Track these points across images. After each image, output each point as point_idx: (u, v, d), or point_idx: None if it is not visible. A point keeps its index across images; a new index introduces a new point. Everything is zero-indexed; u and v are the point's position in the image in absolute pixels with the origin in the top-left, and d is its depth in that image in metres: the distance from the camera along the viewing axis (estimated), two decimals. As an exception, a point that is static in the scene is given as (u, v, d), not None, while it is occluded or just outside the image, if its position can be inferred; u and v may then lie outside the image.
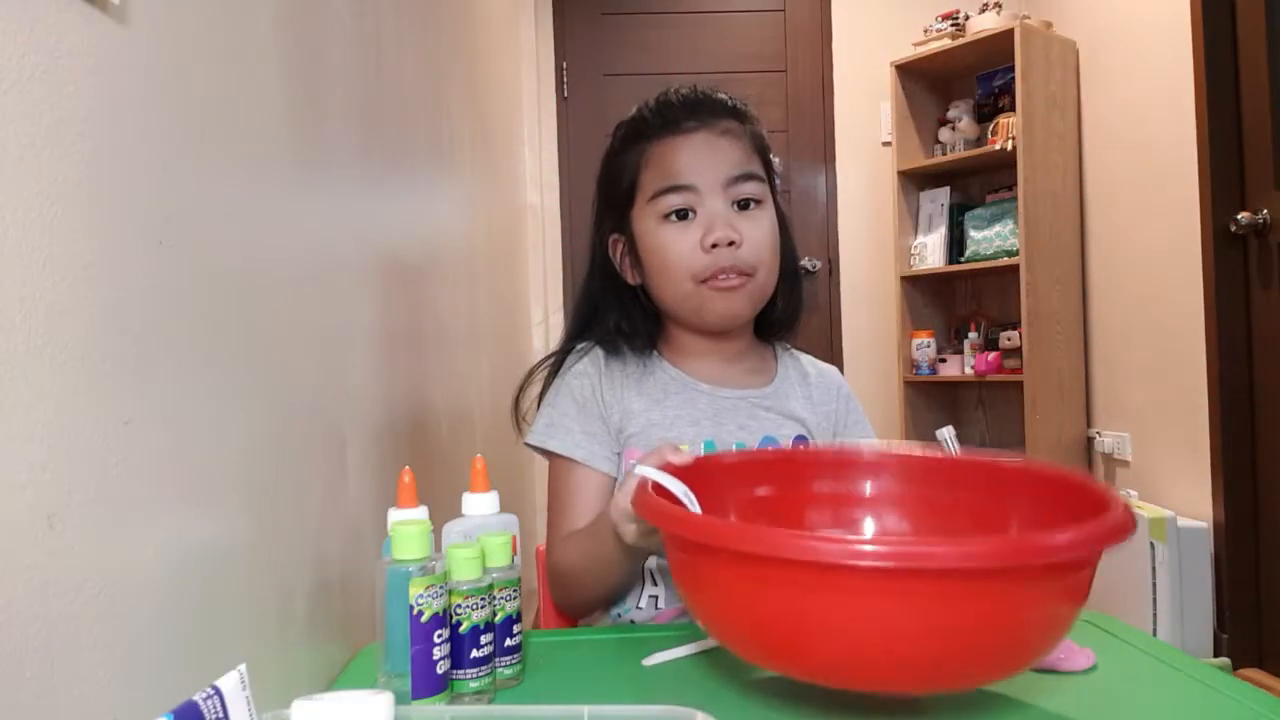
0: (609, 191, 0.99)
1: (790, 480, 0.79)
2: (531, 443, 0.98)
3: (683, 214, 0.92)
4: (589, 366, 0.98)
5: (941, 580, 0.52)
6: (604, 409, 0.96)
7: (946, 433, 0.79)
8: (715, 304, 0.93)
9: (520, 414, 1.02)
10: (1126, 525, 0.55)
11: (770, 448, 0.94)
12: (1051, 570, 0.54)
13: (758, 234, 0.93)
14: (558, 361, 1.02)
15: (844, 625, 0.54)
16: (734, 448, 0.95)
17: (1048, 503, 0.67)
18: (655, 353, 1.00)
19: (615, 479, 0.94)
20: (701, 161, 0.92)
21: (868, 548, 0.55)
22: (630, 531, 0.73)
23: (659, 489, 0.66)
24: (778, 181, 1.00)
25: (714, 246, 0.90)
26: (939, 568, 0.51)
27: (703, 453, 0.94)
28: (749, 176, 0.93)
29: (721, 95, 0.97)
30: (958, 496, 0.75)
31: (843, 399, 1.05)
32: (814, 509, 0.78)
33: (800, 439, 0.98)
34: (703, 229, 0.91)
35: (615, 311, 1.00)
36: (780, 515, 0.76)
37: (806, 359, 1.07)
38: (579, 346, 1.01)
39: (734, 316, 0.95)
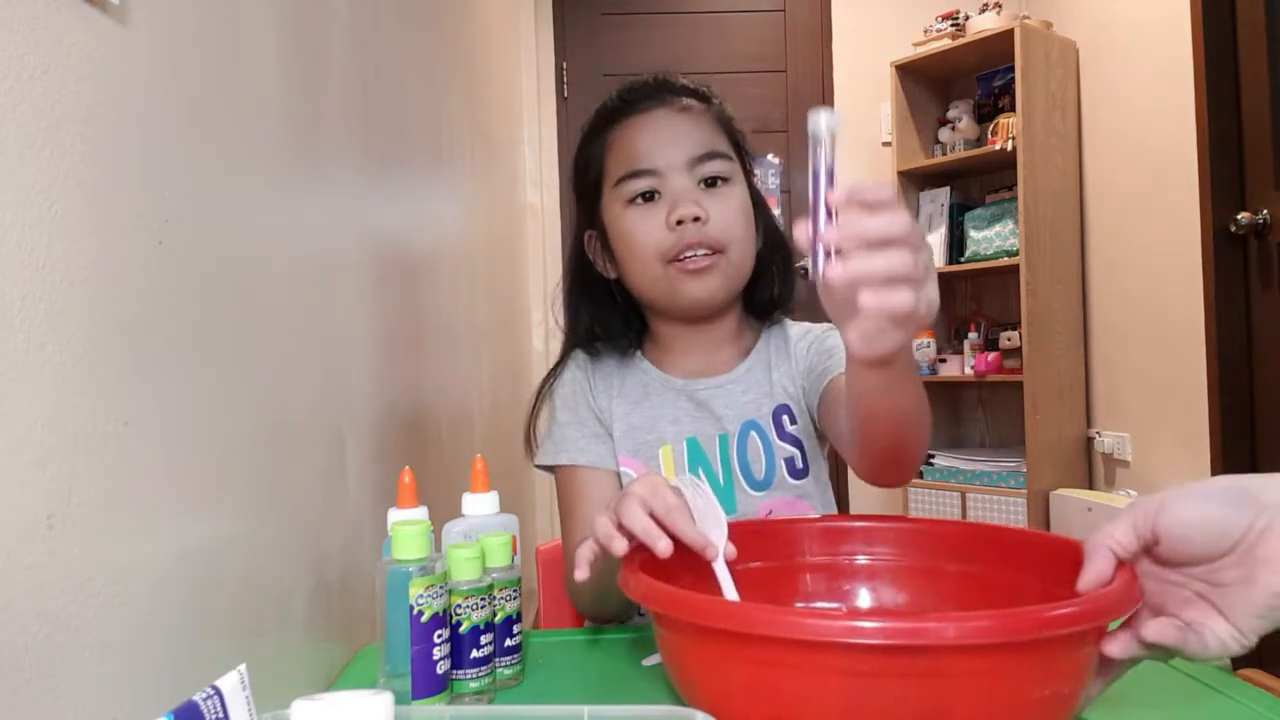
0: (579, 186, 0.99)
1: (783, 552, 0.75)
2: (540, 463, 0.99)
3: (648, 196, 0.91)
4: (576, 372, 0.99)
5: (931, 658, 0.48)
6: (597, 410, 0.97)
7: (824, 119, 0.54)
8: (686, 287, 0.90)
9: (535, 438, 1.01)
10: (1132, 597, 0.52)
11: (762, 519, 0.90)
12: (1051, 646, 0.50)
13: (726, 210, 0.90)
14: (552, 378, 1.02)
15: (831, 710, 0.50)
16: (716, 439, 0.94)
17: (1055, 574, 0.63)
18: (637, 352, 1.00)
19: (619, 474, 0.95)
20: (662, 141, 0.91)
21: (855, 624, 0.48)
22: (619, 549, 0.66)
23: (645, 563, 0.62)
24: (752, 163, 0.98)
25: (679, 224, 0.88)
26: (926, 644, 0.47)
27: (686, 453, 0.94)
28: (714, 155, 0.91)
29: (683, 81, 0.96)
30: (960, 568, 0.71)
31: (817, 339, 0.97)
32: (808, 581, 0.75)
33: (782, 408, 0.95)
34: (667, 207, 0.89)
35: (588, 312, 0.99)
36: (772, 590, 0.72)
37: (796, 326, 1.02)
38: (566, 359, 1.01)
39: (708, 297, 0.92)
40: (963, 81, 3.21)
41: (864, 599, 0.74)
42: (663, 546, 0.63)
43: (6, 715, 0.40)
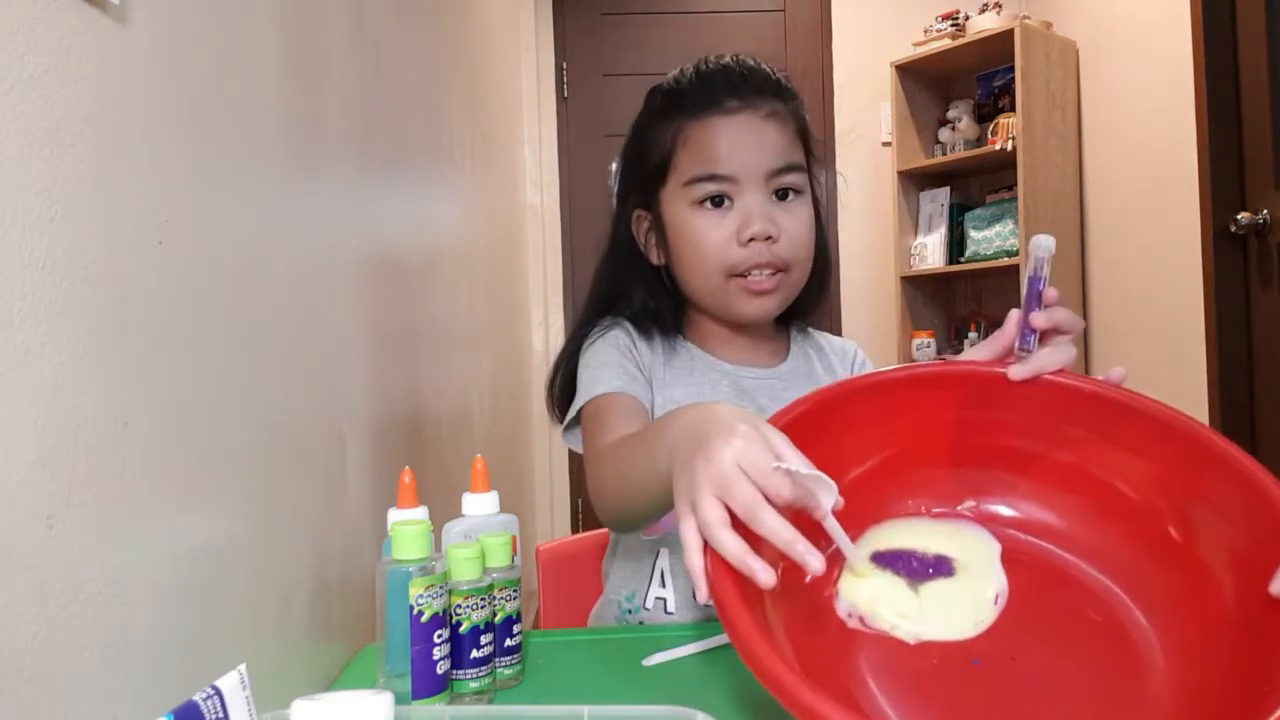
0: (638, 165, 0.94)
1: (900, 414, 0.68)
2: (571, 416, 0.91)
3: (718, 200, 0.88)
4: (620, 332, 0.95)
5: None
6: (642, 367, 0.93)
7: (1044, 243, 0.67)
8: (746, 305, 0.90)
9: (554, 401, 0.98)
10: None
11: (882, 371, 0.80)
12: None
13: (796, 228, 0.89)
14: (579, 341, 0.97)
15: None
16: None
17: (1216, 480, 0.61)
18: (679, 336, 0.97)
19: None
20: (744, 149, 0.87)
21: None
22: (766, 581, 0.53)
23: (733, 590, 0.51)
24: (817, 166, 0.95)
25: (750, 240, 0.87)
26: None
27: None
28: (791, 168, 0.89)
29: (765, 68, 0.92)
30: (1113, 454, 0.66)
31: (859, 366, 1.03)
32: (932, 472, 0.68)
33: None
34: (739, 220, 0.87)
35: (641, 290, 0.96)
36: (894, 485, 0.66)
37: (821, 335, 1.05)
38: (603, 322, 0.97)
39: (764, 316, 0.93)
40: (963, 81, 3.21)
41: (1002, 506, 0.68)
42: (815, 562, 0.53)
43: (6, 715, 0.40)
